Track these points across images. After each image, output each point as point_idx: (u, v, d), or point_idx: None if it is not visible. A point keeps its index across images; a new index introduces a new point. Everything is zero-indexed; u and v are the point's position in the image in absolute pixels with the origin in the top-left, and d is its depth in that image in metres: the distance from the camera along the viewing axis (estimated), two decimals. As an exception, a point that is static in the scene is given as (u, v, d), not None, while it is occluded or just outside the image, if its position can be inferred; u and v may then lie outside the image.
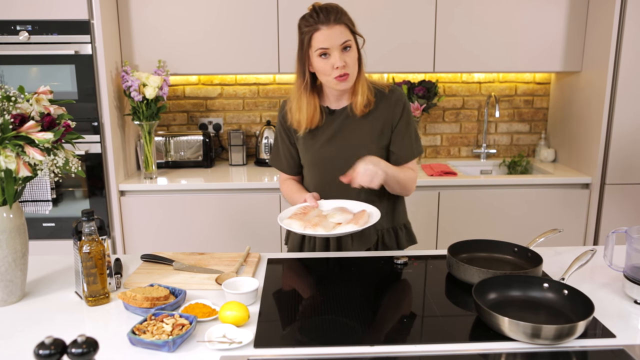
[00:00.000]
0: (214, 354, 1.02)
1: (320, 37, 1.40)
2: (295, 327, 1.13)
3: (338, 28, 1.40)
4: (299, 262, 1.50)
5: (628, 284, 1.24)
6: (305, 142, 1.56)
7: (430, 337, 1.09)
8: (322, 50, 1.41)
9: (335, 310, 1.19)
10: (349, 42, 1.42)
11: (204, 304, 1.19)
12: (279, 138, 1.64)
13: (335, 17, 1.40)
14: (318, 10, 1.42)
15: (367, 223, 1.38)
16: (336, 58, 1.40)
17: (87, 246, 1.19)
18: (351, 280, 1.37)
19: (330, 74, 1.43)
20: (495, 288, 1.21)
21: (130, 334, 1.04)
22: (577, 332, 1.05)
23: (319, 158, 1.55)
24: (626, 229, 1.26)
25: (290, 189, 1.62)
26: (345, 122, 1.53)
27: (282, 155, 1.64)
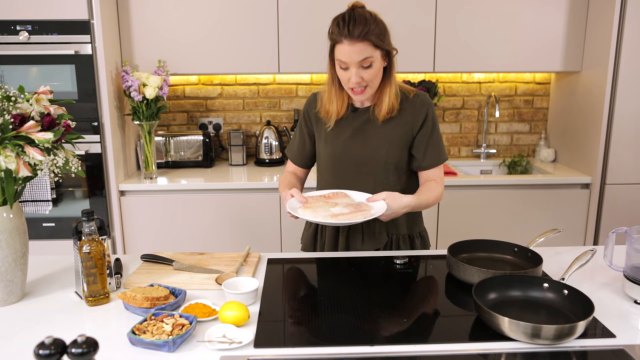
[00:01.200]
0: (214, 354, 1.02)
1: (340, 50, 1.40)
2: (295, 327, 1.13)
3: (360, 45, 1.37)
4: (299, 262, 1.50)
5: (628, 284, 1.24)
6: (327, 136, 1.57)
7: (430, 337, 1.09)
8: (341, 62, 1.42)
9: (335, 310, 1.19)
10: (369, 60, 1.40)
11: (204, 304, 1.19)
12: (298, 129, 1.67)
13: (359, 33, 1.36)
14: (347, 20, 1.38)
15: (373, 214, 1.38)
16: (352, 74, 1.41)
17: (87, 246, 1.19)
18: (351, 280, 1.37)
19: (347, 85, 1.45)
20: (495, 288, 1.21)
21: (130, 334, 1.04)
22: (577, 332, 1.05)
23: (338, 153, 1.56)
24: (626, 229, 1.26)
25: (283, 181, 1.64)
26: (368, 122, 1.54)
27: (296, 144, 1.67)
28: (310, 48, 2.56)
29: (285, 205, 1.45)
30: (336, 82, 1.50)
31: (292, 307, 1.22)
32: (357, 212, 1.39)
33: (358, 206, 1.43)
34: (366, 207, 1.43)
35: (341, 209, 1.42)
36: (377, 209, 1.41)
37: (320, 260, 1.52)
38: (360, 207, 1.42)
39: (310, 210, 1.41)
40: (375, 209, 1.41)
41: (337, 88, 1.51)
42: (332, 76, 1.50)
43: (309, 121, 1.62)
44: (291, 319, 1.16)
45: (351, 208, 1.42)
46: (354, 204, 1.45)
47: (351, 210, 1.40)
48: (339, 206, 1.43)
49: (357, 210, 1.40)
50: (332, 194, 1.50)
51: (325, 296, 1.27)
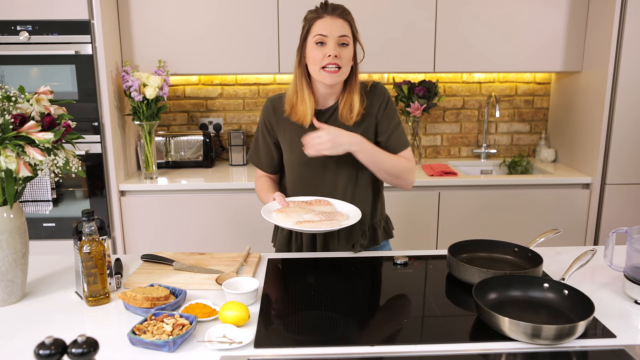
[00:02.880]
0: (214, 354, 1.02)
1: (321, 24, 1.43)
2: (296, 327, 1.13)
3: (341, 22, 1.43)
4: (299, 262, 1.50)
5: (628, 284, 1.24)
6: (292, 141, 1.54)
7: (430, 337, 1.09)
8: (319, 37, 1.42)
9: (335, 310, 1.19)
10: (347, 39, 1.44)
11: (204, 304, 1.19)
12: (259, 135, 1.62)
13: (340, 12, 1.45)
14: (327, 3, 1.46)
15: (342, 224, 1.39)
16: (330, 47, 1.41)
17: (87, 246, 1.19)
18: (351, 280, 1.37)
19: (321, 63, 1.42)
20: (495, 288, 1.21)
21: (131, 334, 1.04)
22: (577, 332, 1.05)
23: (303, 158, 1.52)
24: (626, 229, 1.26)
25: (262, 186, 1.62)
26: (331, 122, 1.51)
27: (262, 153, 1.63)
28: (310, 48, 2.56)
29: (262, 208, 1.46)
30: (305, 79, 1.48)
31: (292, 307, 1.22)
32: (325, 220, 1.39)
33: (331, 215, 1.42)
34: (339, 216, 1.43)
35: (312, 217, 1.41)
36: (349, 220, 1.42)
37: (320, 260, 1.52)
38: (333, 216, 1.42)
39: (283, 214, 1.42)
40: (346, 221, 1.41)
41: (307, 85, 1.48)
42: (300, 74, 1.48)
43: (271, 129, 1.58)
44: (291, 319, 1.16)
45: (322, 216, 1.41)
46: (327, 212, 1.44)
47: (320, 218, 1.40)
48: (312, 213, 1.43)
49: (327, 219, 1.40)
50: (314, 201, 1.50)
51: (325, 296, 1.27)
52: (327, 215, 1.41)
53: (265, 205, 1.49)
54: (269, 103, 1.58)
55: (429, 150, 3.07)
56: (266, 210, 1.46)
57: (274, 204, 1.49)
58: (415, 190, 2.52)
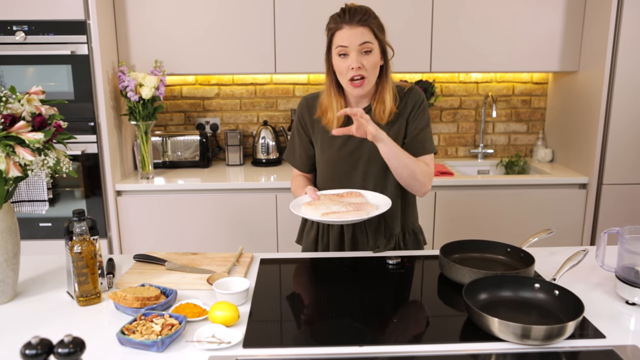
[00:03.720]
0: (202, 354, 1.02)
1: (340, 35, 1.41)
2: (285, 327, 1.13)
3: (360, 29, 1.40)
4: (292, 263, 1.50)
5: (620, 284, 1.24)
6: (324, 141, 1.56)
7: (420, 338, 1.09)
8: (341, 48, 1.41)
9: (325, 311, 1.19)
10: (369, 45, 1.40)
11: (194, 304, 1.19)
12: (295, 134, 1.63)
13: (360, 19, 1.40)
14: (346, 10, 1.42)
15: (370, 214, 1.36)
16: (352, 59, 1.40)
17: (78, 246, 1.19)
18: (343, 281, 1.36)
19: (346, 75, 1.42)
20: (486, 288, 1.21)
21: (120, 334, 1.04)
22: (566, 332, 1.04)
23: (335, 158, 1.55)
24: (618, 229, 1.26)
25: (298, 185, 1.62)
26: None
27: (297, 152, 1.64)
28: (306, 48, 2.56)
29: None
30: (334, 86, 1.50)
31: (282, 308, 1.22)
32: (352, 210, 1.37)
33: (359, 206, 1.40)
34: (369, 207, 1.40)
35: (340, 208, 1.39)
36: (379, 209, 1.39)
37: (313, 260, 1.52)
38: (361, 206, 1.39)
39: (311, 207, 1.40)
40: (376, 210, 1.39)
41: (335, 92, 1.50)
42: (329, 80, 1.50)
43: (305, 127, 1.60)
44: (281, 319, 1.16)
45: (349, 207, 1.39)
46: (355, 203, 1.42)
47: (348, 209, 1.38)
48: (340, 204, 1.41)
49: (354, 210, 1.38)
50: (346, 193, 1.49)
51: (316, 296, 1.27)
52: (355, 206, 1.39)
53: (295, 199, 1.47)
54: (303, 102, 1.60)
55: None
56: (295, 205, 1.44)
57: (305, 197, 1.48)
58: (412, 190, 2.52)
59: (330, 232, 1.60)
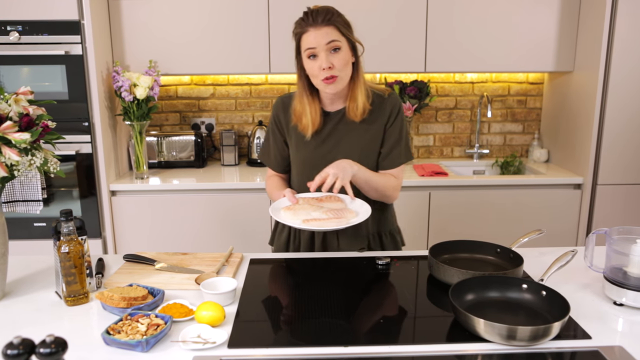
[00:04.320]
0: (187, 354, 1.02)
1: (307, 38, 1.41)
2: (271, 327, 1.13)
3: (325, 29, 1.40)
4: (281, 263, 1.50)
5: (608, 285, 1.24)
6: (299, 142, 1.56)
7: (406, 338, 1.08)
8: (309, 50, 1.42)
9: (312, 311, 1.19)
10: (336, 43, 1.41)
11: (181, 304, 1.19)
12: (270, 135, 1.63)
13: (323, 18, 1.40)
14: (308, 13, 1.43)
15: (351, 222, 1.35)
16: (322, 59, 1.40)
17: (65, 246, 1.19)
18: (331, 281, 1.36)
19: (318, 76, 1.43)
20: (473, 289, 1.21)
21: (105, 333, 1.04)
22: (552, 333, 1.04)
23: (310, 159, 1.55)
24: (606, 230, 1.26)
25: (273, 185, 1.62)
26: (340, 125, 1.53)
27: (272, 152, 1.64)
28: (301, 48, 2.56)
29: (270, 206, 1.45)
30: (307, 91, 1.50)
31: (269, 308, 1.22)
32: (333, 218, 1.36)
33: (339, 213, 1.39)
34: (349, 214, 1.39)
35: (320, 214, 1.38)
36: (358, 217, 1.39)
37: (302, 260, 1.52)
38: (342, 214, 1.38)
39: (290, 212, 1.39)
40: (355, 218, 1.38)
41: (309, 95, 1.50)
42: (302, 85, 1.50)
43: (280, 127, 1.59)
44: (268, 320, 1.16)
45: (330, 214, 1.38)
46: (335, 209, 1.41)
47: (328, 216, 1.37)
48: (321, 210, 1.40)
49: (334, 217, 1.37)
50: (325, 197, 1.47)
51: (304, 297, 1.26)
52: (335, 213, 1.38)
53: (274, 202, 1.47)
54: (279, 101, 1.60)
55: (422, 151, 3.07)
56: (274, 209, 1.43)
57: (284, 200, 1.46)
58: (406, 191, 2.52)
59: (301, 235, 1.60)
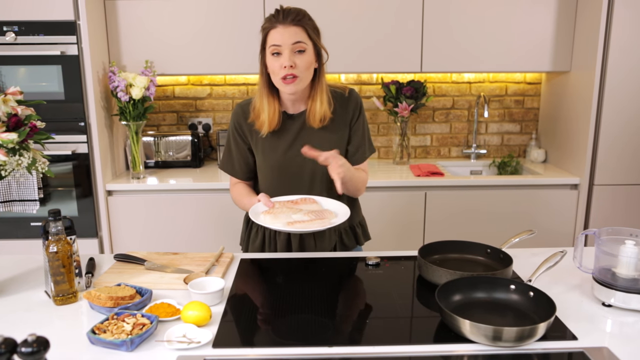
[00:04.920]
0: (172, 353, 1.02)
1: (274, 35, 1.41)
2: (257, 327, 1.13)
3: (294, 29, 1.40)
4: (271, 263, 1.50)
5: (597, 286, 1.23)
6: (265, 147, 1.54)
7: (392, 339, 1.08)
8: (274, 47, 1.41)
9: (299, 311, 1.19)
10: (302, 45, 1.41)
11: (169, 303, 1.19)
12: (232, 142, 1.60)
13: (294, 18, 1.41)
14: (280, 11, 1.43)
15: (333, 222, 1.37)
16: (285, 57, 1.40)
17: (53, 246, 1.20)
18: (320, 281, 1.36)
19: (278, 74, 1.42)
20: (461, 290, 1.21)
21: (90, 333, 1.05)
22: (537, 334, 1.04)
23: (277, 164, 1.53)
24: (595, 231, 1.26)
25: (240, 192, 1.60)
26: (305, 128, 1.53)
27: (235, 160, 1.61)
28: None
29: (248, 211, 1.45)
30: (267, 88, 1.49)
31: (257, 308, 1.22)
32: (316, 219, 1.38)
33: (320, 214, 1.40)
34: (329, 214, 1.41)
35: (302, 216, 1.39)
36: (339, 217, 1.40)
37: (293, 261, 1.52)
38: (323, 214, 1.40)
39: (271, 216, 1.39)
40: (336, 218, 1.40)
41: (268, 93, 1.49)
42: (263, 82, 1.49)
43: (242, 134, 1.57)
44: (254, 320, 1.16)
45: (311, 215, 1.39)
46: (316, 211, 1.42)
47: (311, 217, 1.38)
48: (301, 212, 1.41)
49: (317, 218, 1.38)
50: (300, 199, 1.48)
51: (291, 297, 1.26)
52: (316, 214, 1.39)
53: (251, 207, 1.46)
54: (238, 109, 1.57)
55: (419, 151, 3.06)
56: (254, 213, 1.43)
57: (259, 205, 1.46)
58: (402, 191, 2.52)
59: (277, 238, 1.59)
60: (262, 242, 1.62)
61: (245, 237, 1.69)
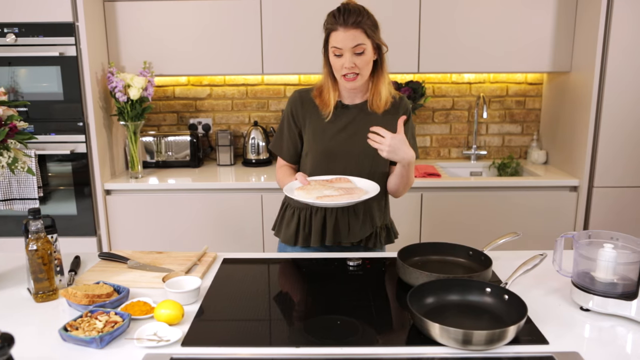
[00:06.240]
0: (140, 351, 1.04)
1: (335, 38, 1.48)
2: (229, 327, 1.13)
3: (353, 32, 1.46)
4: (253, 263, 1.51)
5: (575, 290, 1.21)
6: (316, 133, 1.59)
7: (362, 340, 1.08)
8: (335, 49, 1.49)
9: (272, 312, 1.20)
10: (362, 47, 1.47)
11: (144, 302, 1.20)
12: (285, 125, 1.66)
13: (354, 21, 1.46)
14: (342, 10, 1.48)
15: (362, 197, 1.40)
16: (346, 59, 1.47)
17: (33, 244, 1.22)
18: (300, 282, 1.37)
19: (340, 72, 1.50)
20: (435, 292, 1.20)
21: (62, 330, 1.06)
22: (507, 337, 1.03)
23: (328, 149, 1.58)
24: (573, 234, 1.24)
25: (284, 173, 1.65)
26: (359, 117, 1.59)
27: (285, 142, 1.67)
28: (292, 49, 2.57)
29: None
30: (330, 76, 1.56)
31: (231, 307, 1.22)
32: (345, 194, 1.41)
33: (350, 190, 1.45)
34: (359, 191, 1.45)
35: (332, 192, 1.43)
36: (368, 194, 1.43)
37: (275, 261, 1.52)
38: (352, 191, 1.45)
39: (304, 191, 1.44)
40: (366, 194, 1.43)
41: (332, 81, 1.57)
42: (327, 71, 1.56)
43: (296, 119, 1.63)
44: (227, 319, 1.17)
45: (341, 191, 1.44)
46: (346, 187, 1.47)
47: (340, 193, 1.43)
48: (332, 189, 1.45)
49: (347, 194, 1.42)
50: (335, 178, 1.53)
51: (267, 297, 1.27)
52: (346, 190, 1.44)
53: (288, 184, 1.52)
54: (296, 94, 1.65)
55: (419, 152, 3.03)
56: (288, 189, 1.48)
57: (295, 183, 1.51)
58: (398, 192, 2.50)
59: (313, 222, 1.61)
60: (297, 225, 1.65)
61: (279, 222, 1.72)
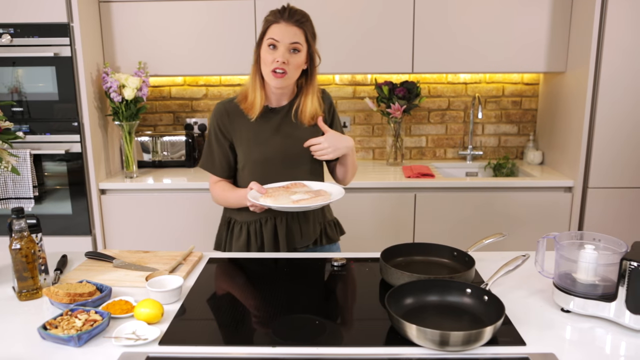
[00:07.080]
0: (118, 349, 1.04)
1: (275, 29, 1.49)
2: (208, 326, 1.14)
3: (294, 29, 1.48)
4: (238, 263, 1.52)
5: (556, 292, 1.21)
6: (249, 141, 1.58)
7: (340, 340, 1.08)
8: (272, 40, 1.48)
9: (253, 311, 1.20)
10: (298, 46, 1.49)
11: (126, 300, 1.21)
12: (213, 140, 1.61)
13: (297, 20, 1.49)
14: (287, 8, 1.51)
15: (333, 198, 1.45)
16: (280, 53, 1.48)
17: (17, 243, 1.23)
18: (282, 282, 1.37)
19: (270, 66, 1.48)
20: (415, 293, 1.20)
21: (41, 328, 1.07)
22: (484, 338, 1.03)
23: (264, 154, 1.57)
24: (555, 235, 1.23)
25: (223, 188, 1.62)
26: (286, 120, 1.60)
27: (217, 157, 1.62)
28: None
29: (246, 197, 1.46)
30: (259, 74, 1.55)
31: (212, 307, 1.23)
32: (317, 196, 1.46)
33: (317, 192, 1.49)
34: (325, 193, 1.49)
35: (301, 196, 1.46)
36: (335, 194, 1.48)
37: (260, 260, 1.53)
38: (320, 193, 1.48)
39: (271, 199, 1.44)
40: (335, 195, 1.48)
41: (259, 80, 1.55)
42: (256, 68, 1.55)
43: (225, 132, 1.59)
44: (207, 319, 1.17)
45: (311, 194, 1.47)
46: (313, 190, 1.51)
47: (311, 196, 1.46)
48: (298, 194, 1.48)
49: (317, 196, 1.46)
50: (291, 184, 1.55)
51: (248, 296, 1.27)
52: (315, 193, 1.48)
53: (249, 193, 1.48)
54: (220, 107, 1.61)
55: (414, 152, 3.04)
56: (252, 197, 1.46)
57: (253, 192, 1.49)
58: (391, 192, 2.50)
59: (264, 232, 1.61)
60: (247, 238, 1.64)
61: (226, 238, 1.70)
